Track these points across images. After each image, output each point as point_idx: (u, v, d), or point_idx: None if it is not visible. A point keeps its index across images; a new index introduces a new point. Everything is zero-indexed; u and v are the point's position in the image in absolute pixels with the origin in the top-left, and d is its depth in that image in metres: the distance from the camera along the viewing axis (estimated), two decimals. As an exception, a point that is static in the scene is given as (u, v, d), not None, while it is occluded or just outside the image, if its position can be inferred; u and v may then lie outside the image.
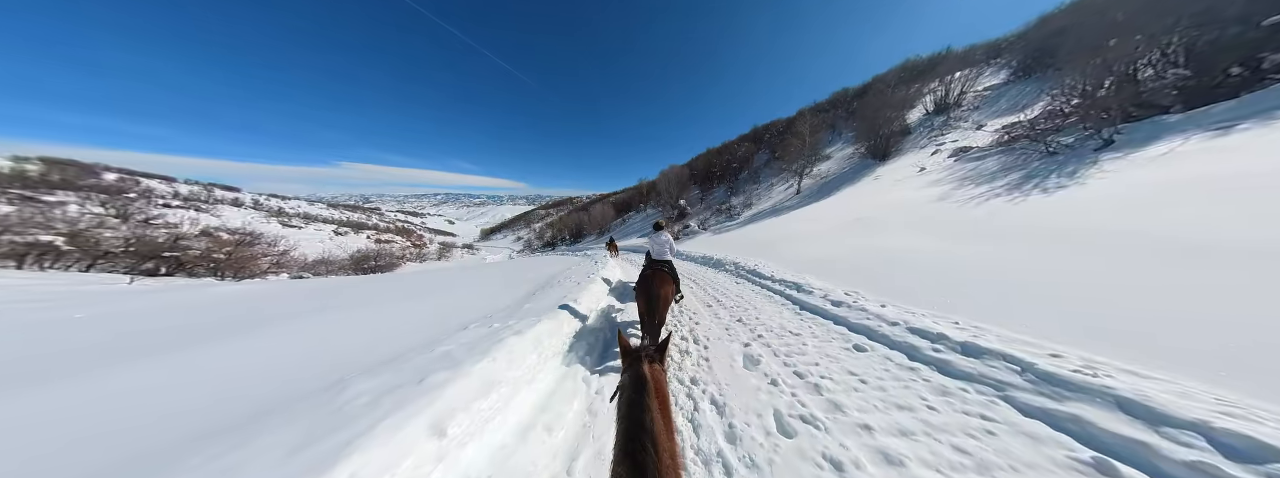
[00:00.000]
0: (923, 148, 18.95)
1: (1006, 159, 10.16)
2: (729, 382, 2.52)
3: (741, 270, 7.17)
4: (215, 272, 20.57)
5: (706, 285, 6.57)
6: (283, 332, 4.11)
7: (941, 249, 5.12)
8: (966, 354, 2.37)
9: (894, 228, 7.65)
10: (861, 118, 22.88)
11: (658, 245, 4.57)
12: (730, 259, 8.60)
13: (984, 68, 26.52)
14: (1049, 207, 5.51)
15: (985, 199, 7.13)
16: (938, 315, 3.08)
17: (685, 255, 12.18)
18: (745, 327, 3.77)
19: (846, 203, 14.07)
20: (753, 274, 6.53)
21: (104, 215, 23.69)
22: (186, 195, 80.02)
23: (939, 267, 4.47)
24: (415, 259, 51.88)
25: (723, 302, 5.09)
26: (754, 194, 27.27)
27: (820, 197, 18.89)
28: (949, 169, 12.32)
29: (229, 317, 5.36)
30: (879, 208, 9.85)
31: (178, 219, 40.17)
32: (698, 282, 7.06)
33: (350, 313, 5.11)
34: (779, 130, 39.15)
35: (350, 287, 9.25)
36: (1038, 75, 21.43)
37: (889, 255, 5.58)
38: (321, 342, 3.56)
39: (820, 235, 9.04)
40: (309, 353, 3.16)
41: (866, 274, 4.85)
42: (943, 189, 9.43)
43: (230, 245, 20.87)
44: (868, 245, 6.69)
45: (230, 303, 6.85)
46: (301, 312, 5.55)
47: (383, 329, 3.95)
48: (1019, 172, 8.29)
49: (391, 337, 3.52)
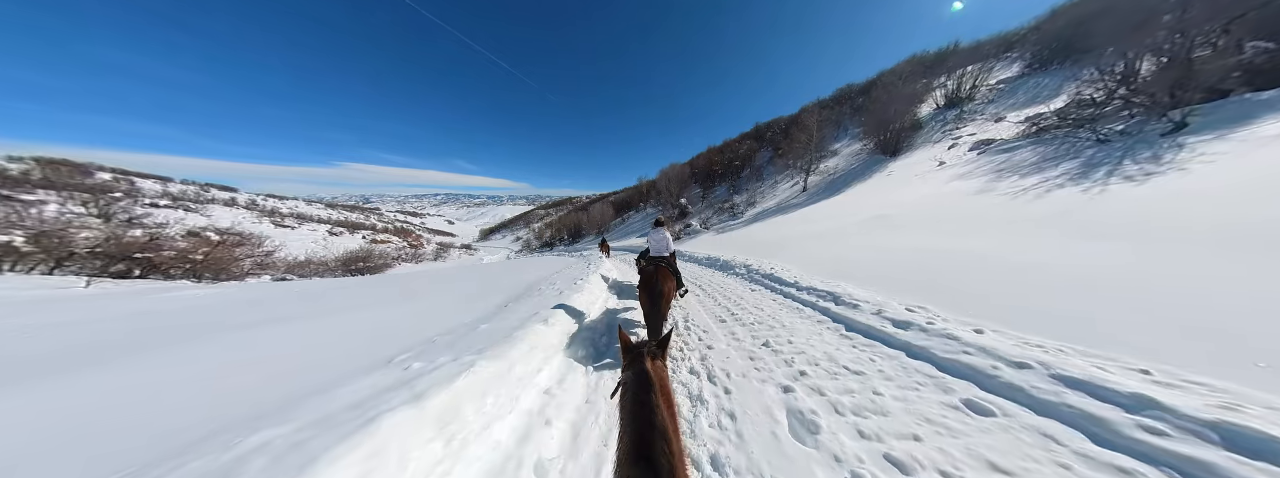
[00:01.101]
0: (937, 142, 18.17)
1: (1043, 149, 9.16)
2: (775, 472, 1.50)
3: (755, 275, 6.15)
4: (191, 274, 19.50)
5: (715, 292, 5.55)
6: (165, 362, 3.10)
7: (1013, 251, 4.09)
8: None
9: (926, 226, 6.63)
10: (869, 113, 22.11)
11: (657, 242, 4.57)
12: (739, 261, 7.57)
13: (994, 62, 25.67)
14: (1150, 196, 4.48)
15: (1044, 191, 6.10)
16: (1100, 356, 1.96)
17: (688, 256, 11.17)
18: (778, 356, 2.74)
19: (860, 200, 13.08)
20: (771, 280, 5.51)
21: (85, 215, 22.69)
22: (176, 195, 78.63)
23: (1021, 274, 3.44)
24: (410, 260, 50.83)
25: (739, 316, 4.06)
26: (758, 192, 26.29)
27: (829, 194, 17.97)
28: (973, 162, 11.34)
29: (136, 330, 4.34)
30: (901, 205, 8.83)
31: (164, 219, 39.18)
32: (704, 288, 6.04)
33: (274, 331, 4.10)
34: (782, 128, 38.34)
35: (319, 291, 8.23)
36: (1056, 67, 20.76)
37: (937, 258, 4.55)
38: (188, 382, 2.56)
39: (839, 234, 8.02)
40: (147, 404, 2.15)
41: (920, 283, 3.82)
42: (977, 183, 8.41)
43: (207, 246, 19.81)
44: (902, 246, 5.67)
45: (162, 313, 5.82)
46: (227, 325, 4.54)
47: (286, 363, 2.95)
48: (1071, 160, 7.27)
49: (282, 375, 2.51)
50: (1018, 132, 12.91)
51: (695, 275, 7.56)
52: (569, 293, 4.37)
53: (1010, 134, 13.10)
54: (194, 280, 18.91)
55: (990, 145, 12.94)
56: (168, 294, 8.75)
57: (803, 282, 4.79)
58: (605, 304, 4.92)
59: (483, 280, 8.23)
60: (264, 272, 22.86)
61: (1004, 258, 3.90)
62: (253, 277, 21.65)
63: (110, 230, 19.80)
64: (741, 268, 6.94)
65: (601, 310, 4.43)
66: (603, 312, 4.39)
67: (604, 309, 4.42)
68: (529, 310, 3.69)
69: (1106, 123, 8.95)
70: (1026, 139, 11.20)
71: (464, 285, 7.48)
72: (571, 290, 4.82)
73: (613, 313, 4.35)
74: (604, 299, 5.36)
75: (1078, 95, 12.20)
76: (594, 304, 4.25)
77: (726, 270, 7.43)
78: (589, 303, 4.15)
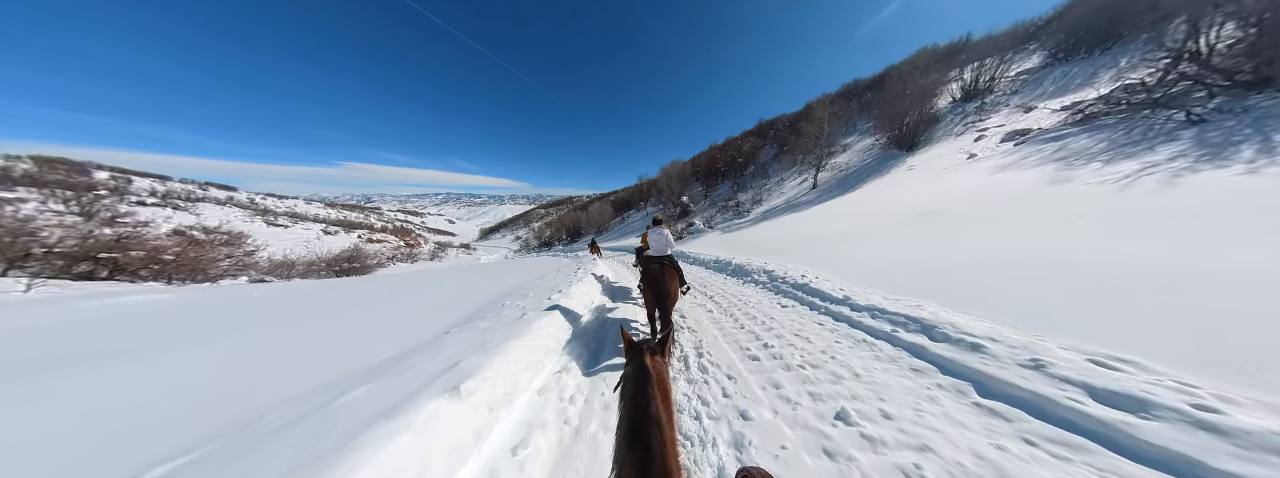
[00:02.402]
0: (959, 135, 17.12)
1: (1109, 135, 7.96)
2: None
3: (782, 284, 4.94)
4: (161, 275, 18.31)
5: (732, 307, 4.35)
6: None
7: (1187, 259, 2.84)
8: None
9: (993, 222, 5.44)
10: (882, 107, 21.04)
11: (658, 241, 4.31)
12: (757, 265, 6.36)
13: (1010, 54, 24.54)
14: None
15: (1168, 178, 4.85)
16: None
17: (692, 258, 9.96)
18: (881, 457, 1.52)
19: (886, 195, 11.87)
20: (807, 292, 4.30)
21: (65, 214, 21.63)
22: (166, 193, 77.09)
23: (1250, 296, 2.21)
24: (406, 259, 49.68)
25: (777, 350, 2.86)
26: (764, 190, 25.08)
27: (843, 191, 16.80)
28: (1013, 153, 10.13)
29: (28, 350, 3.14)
30: (946, 199, 7.61)
31: (149, 217, 38.02)
32: (717, 299, 4.85)
33: (141, 363, 2.92)
34: (786, 124, 37.23)
35: (269, 298, 7.05)
36: (1083, 56, 19.73)
37: (1054, 269, 3.31)
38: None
39: (878, 235, 6.80)
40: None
41: (1056, 308, 2.59)
42: (1037, 173, 7.20)
43: (179, 246, 18.63)
44: (977, 248, 4.48)
45: (52, 327, 4.62)
46: (100, 352, 3.36)
47: (134, 417, 1.78)
48: (1170, 143, 6.07)
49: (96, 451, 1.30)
50: (1059, 120, 11.74)
51: (703, 282, 6.35)
52: (530, 320, 3.15)
53: (1050, 123, 11.93)
54: (163, 283, 17.75)
55: (1027, 135, 11.78)
56: (104, 301, 7.52)
57: (857, 298, 3.57)
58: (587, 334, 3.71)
59: (459, 287, 7.02)
60: (243, 273, 21.67)
61: (1194, 271, 2.62)
62: (229, 278, 20.46)
63: (75, 230, 18.69)
64: (761, 274, 5.72)
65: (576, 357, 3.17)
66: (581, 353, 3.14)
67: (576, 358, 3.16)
68: (476, 340, 2.49)
69: (1187, 104, 7.73)
70: (1076, 127, 9.99)
71: (438, 291, 6.28)
72: (546, 304, 3.62)
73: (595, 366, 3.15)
74: (588, 317, 4.14)
75: (1123, 80, 11.34)
76: (559, 338, 3.03)
77: (741, 277, 6.21)
78: (553, 336, 2.95)
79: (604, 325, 3.86)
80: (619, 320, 4.12)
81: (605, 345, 3.32)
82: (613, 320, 4.05)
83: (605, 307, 4.65)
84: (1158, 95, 9.35)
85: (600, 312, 4.38)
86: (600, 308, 4.53)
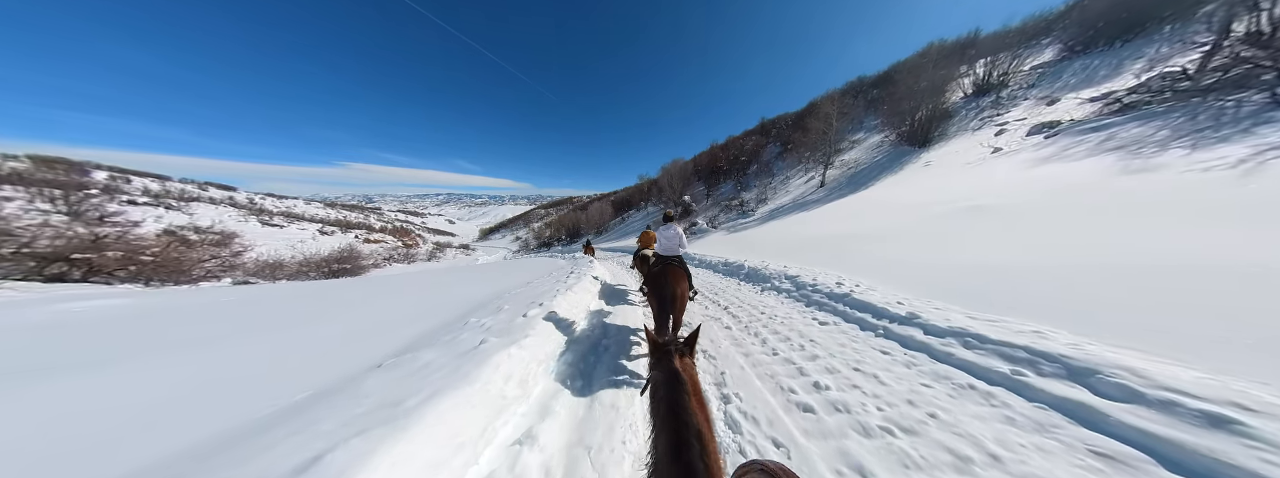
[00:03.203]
0: (976, 130, 16.46)
1: (1169, 122, 7.12)
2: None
3: (814, 294, 4.06)
4: (139, 277, 17.46)
5: (756, 323, 3.49)
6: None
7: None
8: None
9: (1062, 218, 4.57)
10: (889, 104, 20.57)
11: (667, 240, 3.85)
12: (775, 269, 5.48)
13: (1021, 48, 23.85)
14: None
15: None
16: None
17: (698, 259, 9.11)
18: None
19: (905, 192, 11.01)
20: (854, 306, 3.42)
21: (51, 213, 20.86)
22: (159, 192, 75.75)
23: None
24: (402, 260, 48.87)
25: (837, 395, 2.01)
26: (768, 188, 24.24)
27: (854, 188, 15.97)
28: (1051, 145, 9.31)
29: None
30: (986, 194, 6.76)
31: (140, 217, 37.12)
32: (734, 312, 3.98)
33: (65, 384, 2.06)
34: (789, 123, 36.49)
35: (243, 304, 6.21)
36: (1103, 48, 19.10)
37: (1200, 277, 2.45)
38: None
39: (912, 233, 5.95)
40: None
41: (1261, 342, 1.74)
42: (1095, 164, 6.36)
43: (159, 246, 17.78)
44: (1061, 251, 3.60)
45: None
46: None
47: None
48: (1267, 127, 5.22)
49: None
50: (1091, 110, 10.93)
51: (713, 288, 5.48)
52: (478, 358, 2.26)
53: (1082, 114, 11.10)
54: (141, 284, 16.91)
55: (1057, 127, 10.93)
56: (58, 307, 6.64)
57: (929, 316, 2.69)
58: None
59: (435, 292, 6.17)
60: (227, 274, 20.81)
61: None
62: (212, 280, 19.61)
63: (48, 229, 17.97)
64: (783, 280, 4.84)
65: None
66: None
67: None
68: (394, 390, 1.62)
69: (1254, 84, 6.90)
70: (1117, 116, 9.16)
71: (398, 304, 5.42)
72: (514, 326, 2.76)
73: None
74: (574, 340, 3.27)
75: (1160, 68, 10.73)
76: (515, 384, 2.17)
77: (758, 283, 5.33)
78: (518, 377, 2.09)
79: (597, 353, 3.00)
80: (616, 344, 3.26)
81: (596, 381, 2.46)
82: (609, 346, 3.19)
83: (598, 326, 3.79)
84: (1211, 81, 8.62)
85: (593, 333, 3.52)
86: (593, 327, 3.67)
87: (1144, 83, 10.88)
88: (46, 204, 26.63)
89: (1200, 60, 10.01)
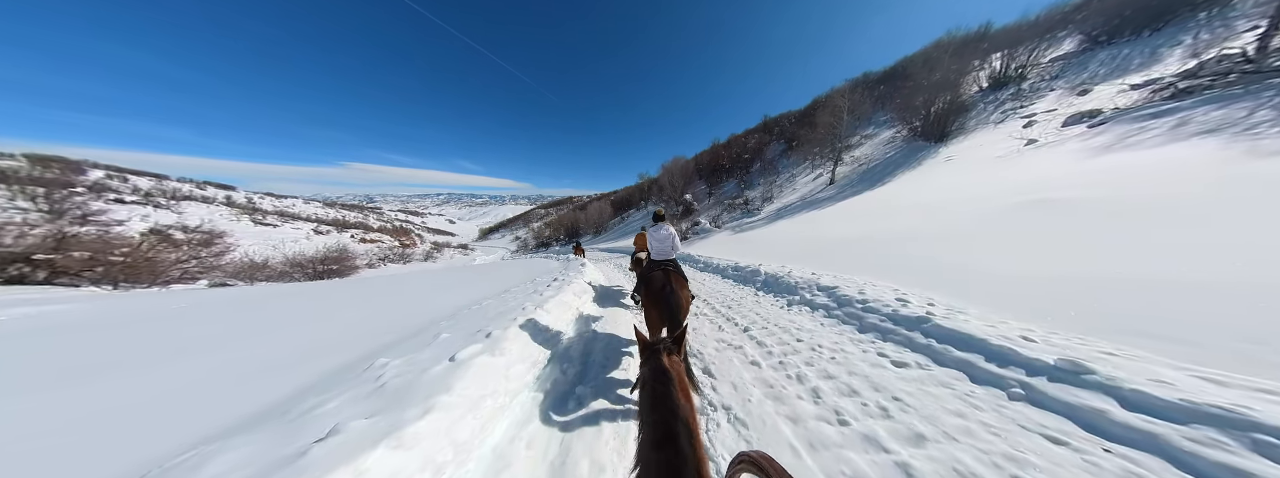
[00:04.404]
0: (998, 123, 15.63)
1: (1256, 103, 6.06)
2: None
3: (864, 313, 3.05)
4: (106, 278, 16.45)
5: (792, 356, 2.53)
6: None
7: None
8: None
9: (1175, 215, 3.53)
10: (901, 97, 19.79)
11: (660, 242, 3.39)
12: (802, 276, 4.46)
13: (1036, 41, 22.96)
14: None
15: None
16: None
17: (703, 262, 8.08)
18: None
19: (931, 187, 10.00)
20: (944, 339, 2.42)
21: (30, 211, 19.95)
22: (149, 191, 74.27)
23: None
24: (397, 260, 47.91)
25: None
26: (774, 186, 23.25)
27: (870, 185, 14.99)
28: (1105, 132, 8.37)
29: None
30: (1052, 186, 5.71)
31: (126, 215, 36.17)
32: (756, 336, 2.98)
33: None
34: (793, 120, 35.54)
35: (191, 309, 5.21)
36: (1128, 37, 18.36)
37: None
38: None
39: (965, 234, 4.95)
40: None
41: None
42: (1185, 149, 5.31)
43: (129, 247, 16.78)
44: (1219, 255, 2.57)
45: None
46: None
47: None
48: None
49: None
50: (1140, 98, 9.91)
51: (723, 299, 4.44)
52: (391, 416, 1.26)
53: (1127, 101, 10.08)
54: (108, 287, 15.92)
55: (1099, 116, 9.89)
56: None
57: (1121, 377, 1.64)
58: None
59: (403, 301, 5.15)
60: (205, 276, 19.79)
61: None
62: (187, 282, 18.60)
63: (8, 229, 17.04)
64: (814, 291, 3.82)
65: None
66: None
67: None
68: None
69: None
70: (1181, 99, 8.15)
71: (353, 318, 4.40)
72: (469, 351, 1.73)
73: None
74: (542, 372, 2.24)
75: (1220, 50, 10.02)
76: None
77: (781, 294, 4.31)
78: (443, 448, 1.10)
79: (581, 416, 1.98)
80: (604, 381, 2.24)
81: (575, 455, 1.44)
82: (593, 385, 2.17)
83: (579, 348, 2.76)
84: (1277, 62, 7.80)
85: (572, 354, 2.50)
86: (571, 348, 2.65)
87: (1201, 67, 9.87)
88: (27, 202, 25.61)
89: (1258, 42, 9.30)
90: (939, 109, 17.39)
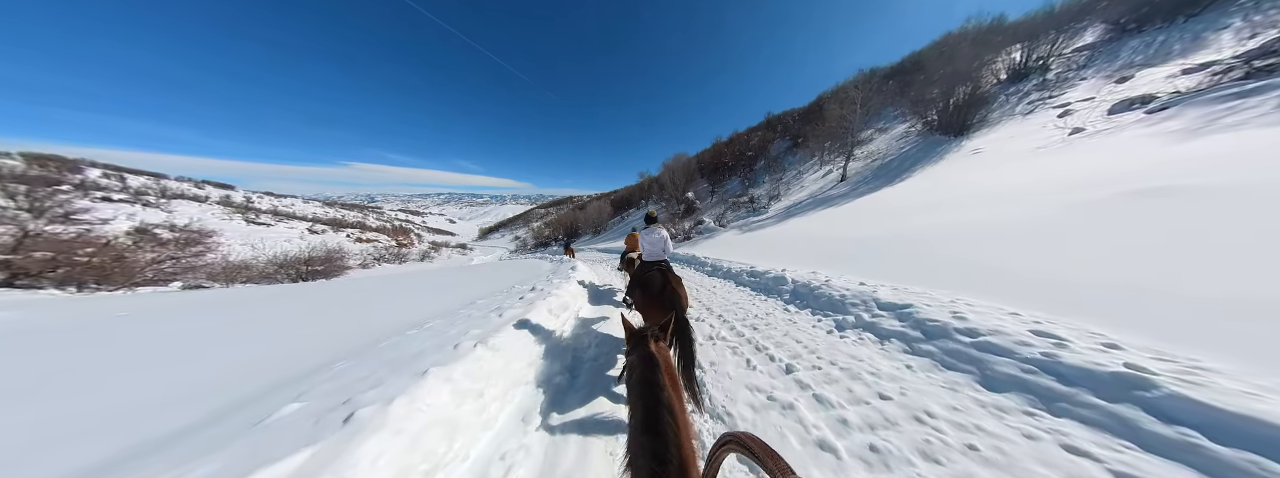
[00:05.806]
0: (1026, 115, 14.72)
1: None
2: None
3: (983, 356, 2.04)
4: (72, 280, 15.43)
5: (898, 446, 1.44)
6: None
7: None
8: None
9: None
10: (916, 90, 18.40)
11: (652, 244, 3.47)
12: (845, 287, 3.45)
13: (1054, 34, 22.03)
14: None
15: None
16: None
17: (711, 265, 7.06)
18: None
19: (961, 182, 8.99)
20: (1209, 428, 1.35)
21: (11, 209, 19.04)
22: (138, 188, 72.90)
23: None
24: (393, 260, 46.99)
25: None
26: (781, 184, 22.23)
27: (887, 181, 13.98)
28: (1172, 117, 7.40)
29: None
30: (1140, 175, 4.67)
31: (111, 214, 35.21)
32: (808, 381, 1.96)
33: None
34: (797, 117, 34.55)
35: (131, 320, 4.21)
36: (1160, 24, 17.44)
37: None
38: None
39: (1052, 232, 3.86)
40: None
41: None
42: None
43: (94, 247, 15.78)
44: None
45: None
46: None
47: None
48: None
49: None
50: (1204, 80, 8.86)
51: (741, 313, 3.44)
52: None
53: (1187, 85, 9.03)
54: (72, 290, 14.91)
55: (1156, 100, 8.85)
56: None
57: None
58: None
59: (375, 308, 4.15)
60: (179, 277, 18.76)
61: None
62: (160, 284, 17.57)
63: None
64: (873, 309, 2.83)
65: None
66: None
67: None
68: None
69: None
70: (1256, 80, 7.10)
71: (313, 331, 3.39)
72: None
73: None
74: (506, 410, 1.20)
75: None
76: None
77: (823, 311, 3.29)
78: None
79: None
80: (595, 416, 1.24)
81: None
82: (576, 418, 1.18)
83: (562, 363, 1.76)
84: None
85: (552, 373, 1.49)
86: (550, 366, 1.64)
87: (1266, 46, 8.82)
88: (6, 200, 24.52)
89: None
90: (958, 101, 16.39)
